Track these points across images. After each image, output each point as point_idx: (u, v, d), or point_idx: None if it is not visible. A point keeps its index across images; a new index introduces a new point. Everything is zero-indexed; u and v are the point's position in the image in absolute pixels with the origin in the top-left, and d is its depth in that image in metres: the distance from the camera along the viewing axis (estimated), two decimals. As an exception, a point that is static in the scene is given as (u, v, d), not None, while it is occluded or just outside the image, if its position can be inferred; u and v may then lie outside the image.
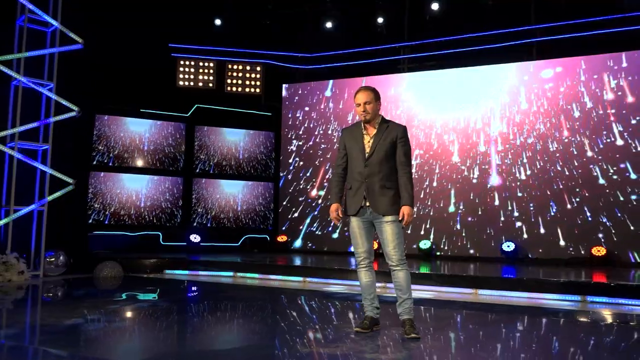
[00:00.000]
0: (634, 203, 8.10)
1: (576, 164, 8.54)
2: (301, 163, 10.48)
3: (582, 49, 8.81)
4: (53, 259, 7.02)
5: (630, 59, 8.43)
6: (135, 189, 9.60)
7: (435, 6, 9.80)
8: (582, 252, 8.23)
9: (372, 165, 3.55)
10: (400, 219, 3.46)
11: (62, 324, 3.83)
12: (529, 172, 8.81)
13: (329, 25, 10.47)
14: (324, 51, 10.87)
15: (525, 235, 8.69)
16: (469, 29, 9.67)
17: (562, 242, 8.44)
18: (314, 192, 10.26)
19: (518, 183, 8.86)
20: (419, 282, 5.92)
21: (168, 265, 7.79)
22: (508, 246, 8.55)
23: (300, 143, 10.54)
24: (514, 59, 9.31)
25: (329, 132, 10.33)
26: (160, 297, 5.54)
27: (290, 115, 10.71)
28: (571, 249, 8.37)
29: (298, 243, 10.26)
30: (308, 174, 10.38)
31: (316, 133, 10.44)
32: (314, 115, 10.52)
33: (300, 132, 10.56)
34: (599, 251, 7.95)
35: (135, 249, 9.16)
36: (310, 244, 10.17)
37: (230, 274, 7.50)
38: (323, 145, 10.34)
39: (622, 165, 8.25)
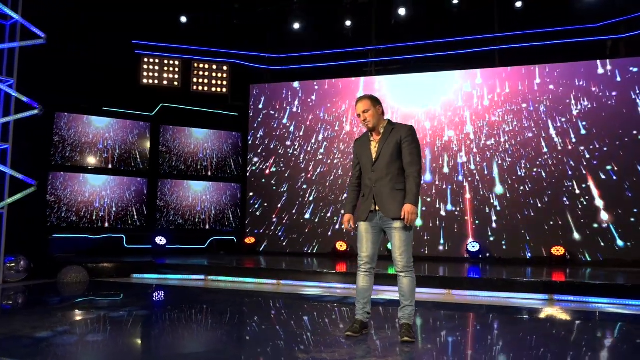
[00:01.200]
0: (585, 204, 8.55)
1: (537, 166, 8.92)
2: (268, 164, 10.42)
3: (542, 57, 9.21)
4: (13, 264, 6.67)
5: (587, 67, 8.89)
6: (97, 190, 9.26)
7: (402, 11, 9.98)
8: (543, 251, 8.62)
9: (379, 170, 3.58)
10: (402, 217, 3.47)
11: (23, 334, 3.64)
12: (494, 174, 9.13)
13: (296, 26, 10.46)
14: (292, 52, 10.85)
15: (489, 235, 9.00)
16: (435, 35, 9.92)
17: (524, 242, 8.80)
18: (280, 193, 10.23)
19: (483, 184, 9.17)
20: (392, 283, 6.01)
21: (136, 269, 7.57)
22: (473, 246, 8.83)
23: (267, 144, 10.48)
24: (477, 65, 9.62)
25: (296, 133, 10.32)
26: (131, 304, 5.36)
27: (257, 116, 10.63)
28: (532, 249, 8.74)
29: (266, 245, 10.20)
30: (275, 175, 10.34)
31: (283, 134, 10.41)
32: (281, 116, 10.49)
33: (267, 133, 10.50)
34: (558, 251, 8.35)
35: (97, 252, 8.83)
36: (278, 246, 10.14)
37: (202, 277, 7.37)
38: (290, 147, 10.32)
39: (581, 171, 8.70)
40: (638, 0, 8.60)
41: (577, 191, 8.65)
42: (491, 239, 8.98)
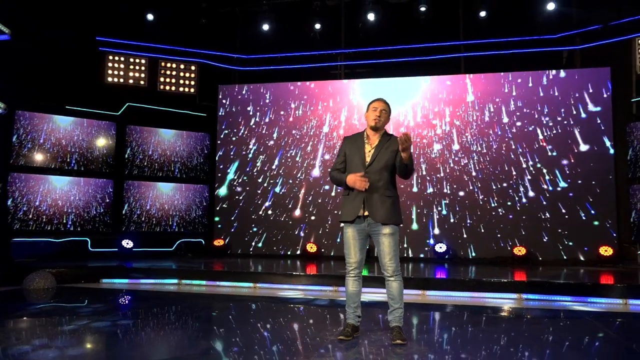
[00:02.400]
0: (544, 206, 9.02)
1: (500, 169, 9.32)
2: (236, 165, 10.37)
3: (505, 65, 9.62)
4: (-25, 271, 6.36)
5: (545, 76, 9.36)
6: (60, 192, 8.94)
7: (371, 16, 10.15)
8: (506, 251, 9.02)
9: (371, 174, 3.65)
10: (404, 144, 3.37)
11: None
12: (462, 176, 9.46)
13: (266, 27, 10.45)
14: (261, 54, 10.84)
15: (455, 236, 9.32)
16: (403, 41, 10.16)
17: (488, 243, 9.18)
18: (249, 195, 10.20)
19: (448, 187, 9.48)
20: (372, 284, 6.16)
21: (105, 273, 7.36)
22: (440, 247, 9.13)
23: (236, 145, 10.43)
24: (443, 72, 9.94)
25: (265, 134, 10.32)
26: (104, 313, 5.24)
27: (225, 117, 10.56)
28: (495, 248, 9.14)
29: (235, 247, 10.16)
30: (244, 177, 10.31)
31: (252, 135, 10.38)
32: (250, 117, 10.45)
33: (236, 134, 10.45)
34: (520, 251, 8.76)
35: (60, 257, 8.54)
36: (247, 248, 10.11)
37: (175, 281, 7.27)
38: (259, 148, 10.31)
39: (539, 175, 9.15)
40: (592, 15, 9.13)
41: (537, 194, 9.10)
42: (458, 240, 9.31)
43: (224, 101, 10.61)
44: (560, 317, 5.04)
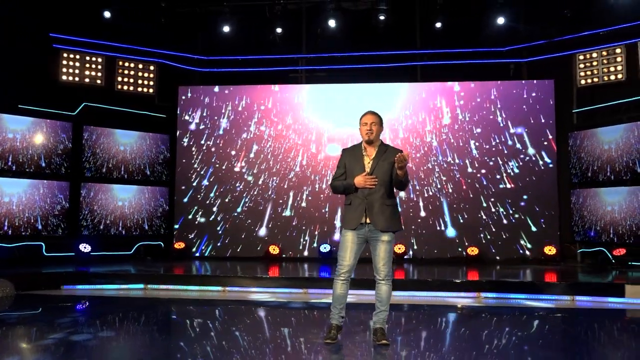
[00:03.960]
0: (492, 206, 9.62)
1: (452, 174, 9.81)
2: (196, 167, 10.30)
3: (459, 74, 10.12)
4: None
5: (509, 87, 9.94)
6: (11, 195, 8.56)
7: (332, 22, 10.35)
8: (459, 250, 9.53)
9: None
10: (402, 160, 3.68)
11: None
12: (413, 182, 9.87)
13: (226, 29, 10.39)
14: (222, 55, 10.81)
15: (414, 237, 9.74)
16: (363, 47, 10.47)
17: (443, 242, 9.65)
18: (209, 197, 10.17)
19: (410, 190, 9.87)
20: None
21: (66, 279, 7.16)
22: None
23: (196, 147, 10.35)
24: (400, 79, 10.31)
25: (226, 135, 10.31)
26: (71, 324, 5.15)
27: (185, 118, 10.45)
28: (448, 248, 9.63)
29: (196, 249, 10.09)
30: (204, 179, 10.26)
31: (212, 136, 10.34)
32: (210, 118, 10.40)
33: (196, 135, 10.37)
34: (473, 251, 9.29)
35: (13, 262, 8.18)
36: (208, 250, 10.08)
37: (141, 286, 7.19)
38: (219, 149, 10.29)
39: (489, 180, 9.73)
40: (538, 31, 9.80)
41: (487, 198, 9.66)
42: (417, 240, 9.73)
43: (183, 102, 10.49)
44: (518, 313, 5.47)
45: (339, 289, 3.95)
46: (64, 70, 9.54)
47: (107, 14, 9.79)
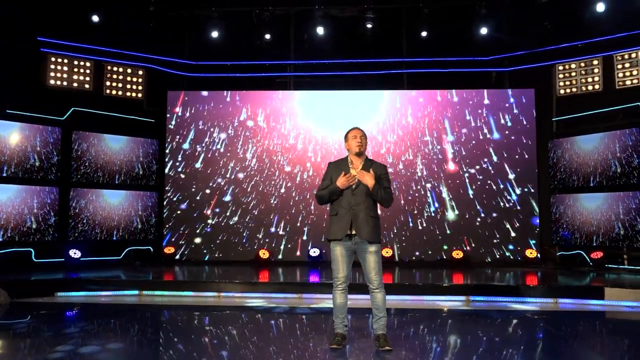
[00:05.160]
0: (477, 211, 9.95)
1: (436, 180, 10.11)
2: (185, 171, 10.36)
3: (443, 83, 10.42)
4: None
5: (492, 95, 10.26)
6: (1, 200, 8.48)
7: (320, 30, 10.52)
8: (446, 254, 9.82)
9: (358, 195, 4.06)
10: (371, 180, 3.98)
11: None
12: (398, 188, 10.12)
13: (215, 34, 10.46)
14: (211, 60, 10.88)
15: (400, 240, 9.99)
16: (350, 55, 10.67)
17: (429, 246, 9.93)
18: (199, 202, 10.23)
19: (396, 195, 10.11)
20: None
21: (60, 286, 7.15)
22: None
23: (185, 151, 10.41)
24: (388, 87, 10.55)
25: (215, 141, 10.39)
26: (82, 336, 5.22)
27: (174, 123, 10.49)
28: (433, 252, 9.92)
29: (185, 254, 10.15)
30: (193, 184, 10.32)
31: (201, 142, 10.41)
32: (199, 123, 10.46)
33: (185, 140, 10.43)
34: (458, 254, 9.59)
35: (3, 269, 8.11)
36: (198, 255, 10.14)
37: (135, 292, 7.23)
38: (208, 154, 10.36)
39: (472, 185, 10.05)
40: (520, 41, 10.15)
41: (472, 203, 9.98)
42: (403, 244, 9.98)
43: (172, 107, 10.53)
44: (509, 317, 5.75)
45: (338, 299, 4.13)
46: (52, 74, 9.49)
47: (95, 18, 9.76)
